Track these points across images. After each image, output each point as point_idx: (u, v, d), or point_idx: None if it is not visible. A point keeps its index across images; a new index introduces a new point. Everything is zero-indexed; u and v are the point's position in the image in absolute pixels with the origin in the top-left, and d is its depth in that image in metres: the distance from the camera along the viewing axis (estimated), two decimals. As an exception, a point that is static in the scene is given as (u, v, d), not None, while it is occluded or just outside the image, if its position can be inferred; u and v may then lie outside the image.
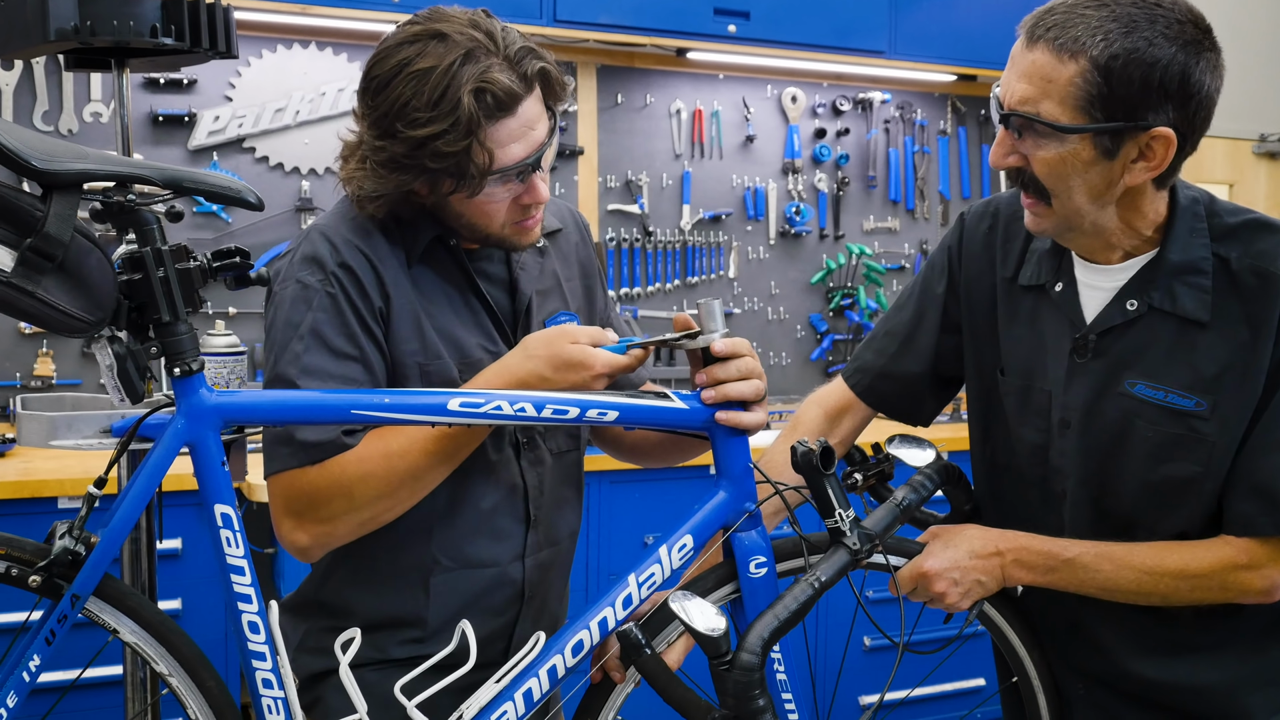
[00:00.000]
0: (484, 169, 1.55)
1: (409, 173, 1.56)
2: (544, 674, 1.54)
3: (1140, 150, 1.49)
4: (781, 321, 4.41)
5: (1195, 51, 1.46)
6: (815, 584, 1.55)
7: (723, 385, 1.57)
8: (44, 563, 1.41)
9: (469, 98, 1.51)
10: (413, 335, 1.64)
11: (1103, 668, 1.73)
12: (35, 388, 3.38)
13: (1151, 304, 1.59)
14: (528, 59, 1.56)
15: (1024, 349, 1.72)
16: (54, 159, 1.34)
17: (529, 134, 1.58)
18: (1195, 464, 1.58)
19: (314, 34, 3.69)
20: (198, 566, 2.91)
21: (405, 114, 1.52)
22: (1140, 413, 1.60)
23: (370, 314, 1.61)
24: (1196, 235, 1.58)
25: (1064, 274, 1.67)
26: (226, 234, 3.60)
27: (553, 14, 3.64)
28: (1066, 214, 1.55)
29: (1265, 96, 5.36)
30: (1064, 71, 1.46)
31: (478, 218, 1.63)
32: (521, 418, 1.52)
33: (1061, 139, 1.49)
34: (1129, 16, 1.45)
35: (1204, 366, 1.57)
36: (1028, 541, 1.65)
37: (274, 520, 1.61)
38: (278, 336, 1.60)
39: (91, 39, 1.93)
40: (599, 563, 3.36)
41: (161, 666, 1.50)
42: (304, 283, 1.59)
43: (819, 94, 4.42)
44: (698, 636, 1.47)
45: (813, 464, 1.58)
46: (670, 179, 4.23)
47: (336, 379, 1.57)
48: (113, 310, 1.42)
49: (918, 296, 1.86)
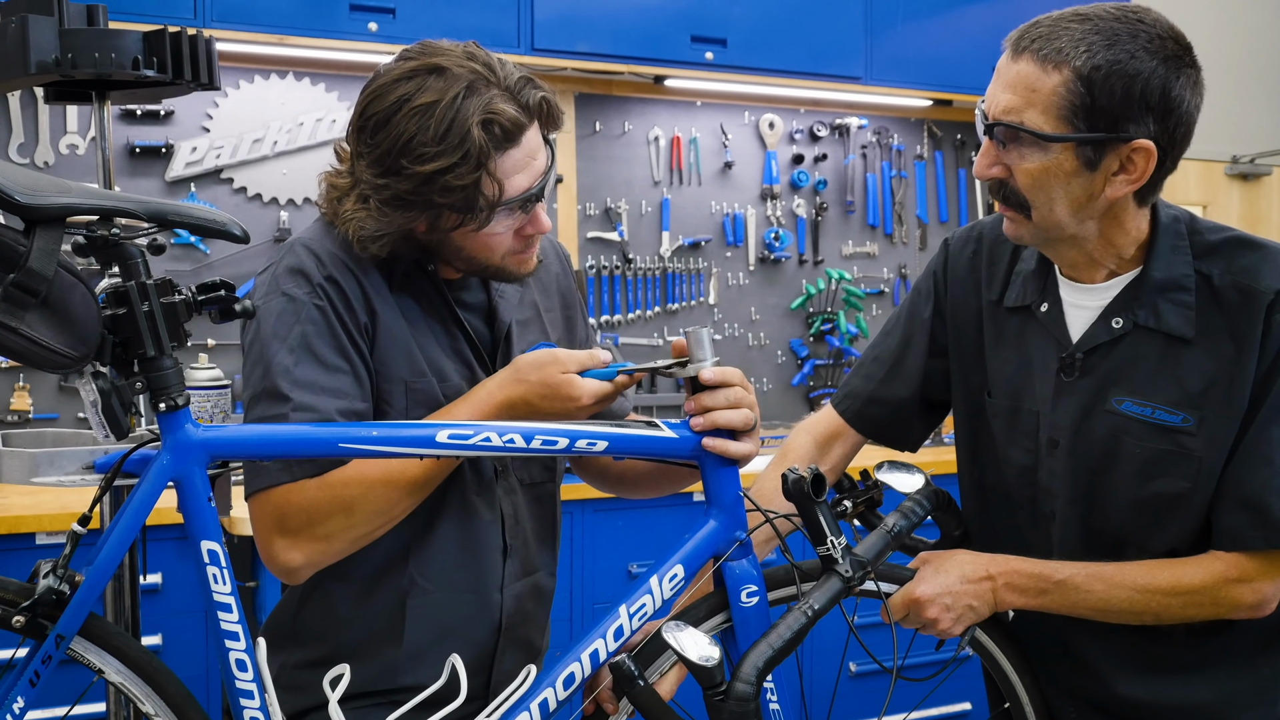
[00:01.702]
0: (493, 201, 1.54)
1: (415, 209, 1.54)
2: (535, 707, 1.53)
3: (1121, 162, 1.52)
4: (762, 347, 4.42)
5: (1176, 67, 1.50)
6: (809, 612, 1.54)
7: (711, 413, 1.57)
8: (28, 602, 1.39)
9: (478, 129, 1.50)
10: (399, 352, 1.62)
11: (1094, 689, 1.73)
12: (12, 422, 3.34)
13: (1137, 321, 1.61)
14: (527, 89, 1.56)
15: (1011, 370, 1.73)
16: (37, 193, 1.32)
17: (532, 164, 1.58)
18: (1183, 479, 1.59)
19: (291, 64, 3.68)
20: (179, 601, 2.88)
21: (411, 150, 1.50)
22: (1128, 430, 1.61)
23: (357, 329, 1.59)
24: (1179, 253, 1.60)
25: (1049, 294, 1.69)
26: (205, 265, 3.58)
27: (530, 43, 3.65)
28: (1046, 225, 1.58)
29: (1238, 118, 5.42)
30: (1048, 81, 1.49)
31: (479, 251, 1.61)
32: (511, 449, 1.51)
33: (1045, 149, 1.51)
34: (1112, 30, 1.49)
35: (1190, 382, 1.58)
36: (1019, 565, 1.65)
37: (262, 540, 1.57)
38: (263, 351, 1.56)
39: (73, 71, 1.92)
40: (583, 592, 3.34)
41: (147, 706, 1.48)
42: (291, 295, 1.57)
43: (796, 120, 4.44)
44: (692, 667, 1.47)
45: (804, 491, 1.57)
46: (649, 206, 4.24)
47: (328, 392, 1.55)
48: (97, 345, 1.40)
49: (904, 322, 1.87)
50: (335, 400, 1.55)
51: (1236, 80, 5.41)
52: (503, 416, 1.56)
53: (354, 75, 3.76)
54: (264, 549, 1.58)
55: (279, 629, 1.73)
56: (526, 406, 1.56)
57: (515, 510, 1.74)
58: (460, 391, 1.64)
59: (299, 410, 1.53)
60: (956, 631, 1.66)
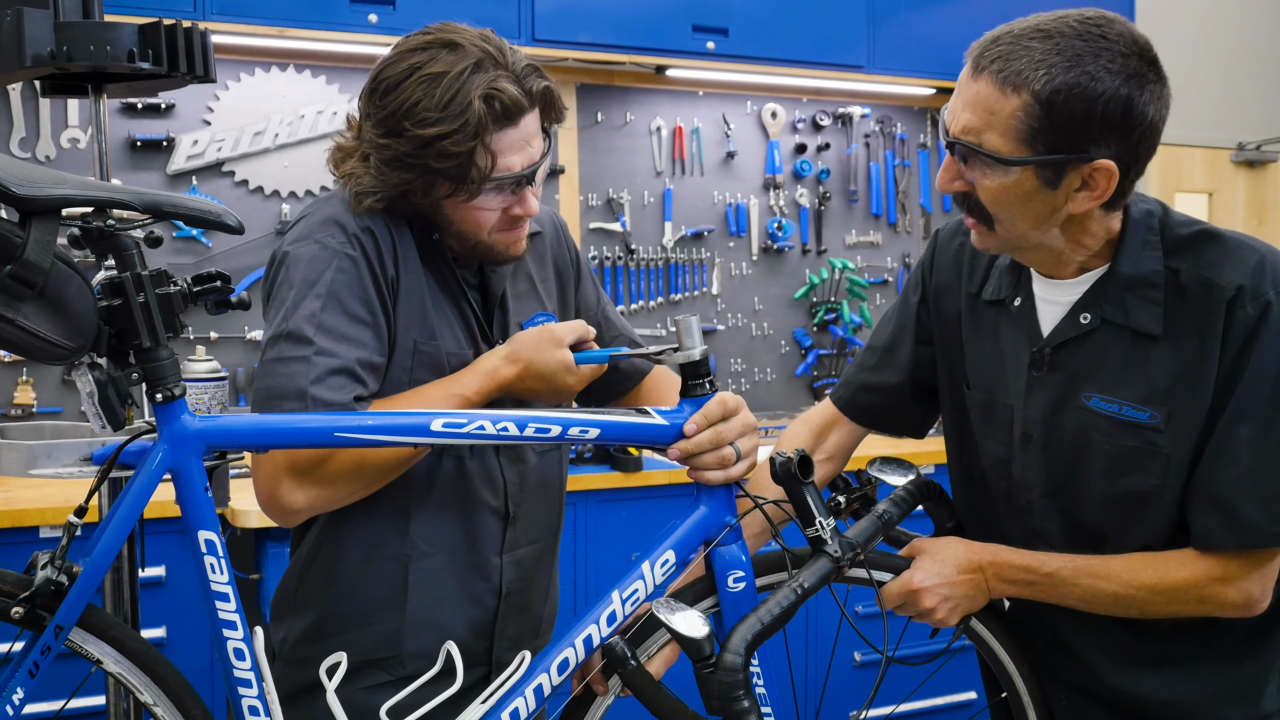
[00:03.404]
0: (484, 173, 1.60)
1: (411, 171, 1.60)
2: (530, 693, 1.55)
3: (1083, 179, 1.50)
4: (765, 337, 4.42)
5: (1139, 84, 1.47)
6: (798, 590, 1.57)
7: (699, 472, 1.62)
8: (26, 594, 1.40)
9: (479, 102, 1.56)
10: (415, 311, 1.67)
11: (1083, 679, 1.73)
12: (16, 416, 3.36)
13: (1105, 317, 1.60)
14: (532, 76, 1.64)
15: (987, 363, 1.74)
16: (33, 185, 1.33)
17: (527, 148, 1.63)
18: (1152, 476, 1.58)
19: (292, 56, 3.69)
20: (182, 594, 2.89)
21: (414, 114, 1.57)
22: (1096, 426, 1.61)
23: (385, 282, 1.64)
24: (1149, 248, 1.59)
25: (1022, 289, 1.69)
26: (206, 258, 3.59)
27: (531, 33, 3.65)
28: (1010, 237, 1.57)
29: (1243, 105, 5.40)
30: (1006, 105, 1.47)
31: (468, 225, 1.66)
32: (505, 437, 1.53)
33: (1005, 170, 1.50)
34: (1073, 49, 1.46)
35: (1157, 379, 1.57)
36: (1009, 556, 1.67)
37: (267, 479, 1.56)
38: (291, 293, 1.59)
39: (68, 64, 1.92)
40: (586, 582, 3.35)
41: (146, 696, 1.49)
42: (323, 243, 1.61)
43: (799, 109, 4.43)
44: (682, 640, 1.49)
45: (791, 472, 1.60)
46: (651, 196, 4.23)
47: (350, 341, 1.58)
48: (93, 337, 1.41)
49: (897, 311, 1.89)
50: (355, 350, 1.59)
51: (1242, 67, 5.39)
52: (502, 393, 1.64)
53: (354, 67, 3.76)
54: (268, 488, 1.57)
55: (282, 601, 1.75)
56: (522, 385, 1.64)
57: (521, 478, 1.77)
58: (461, 359, 1.69)
59: (321, 355, 1.56)
60: (953, 621, 1.68)
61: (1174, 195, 5.35)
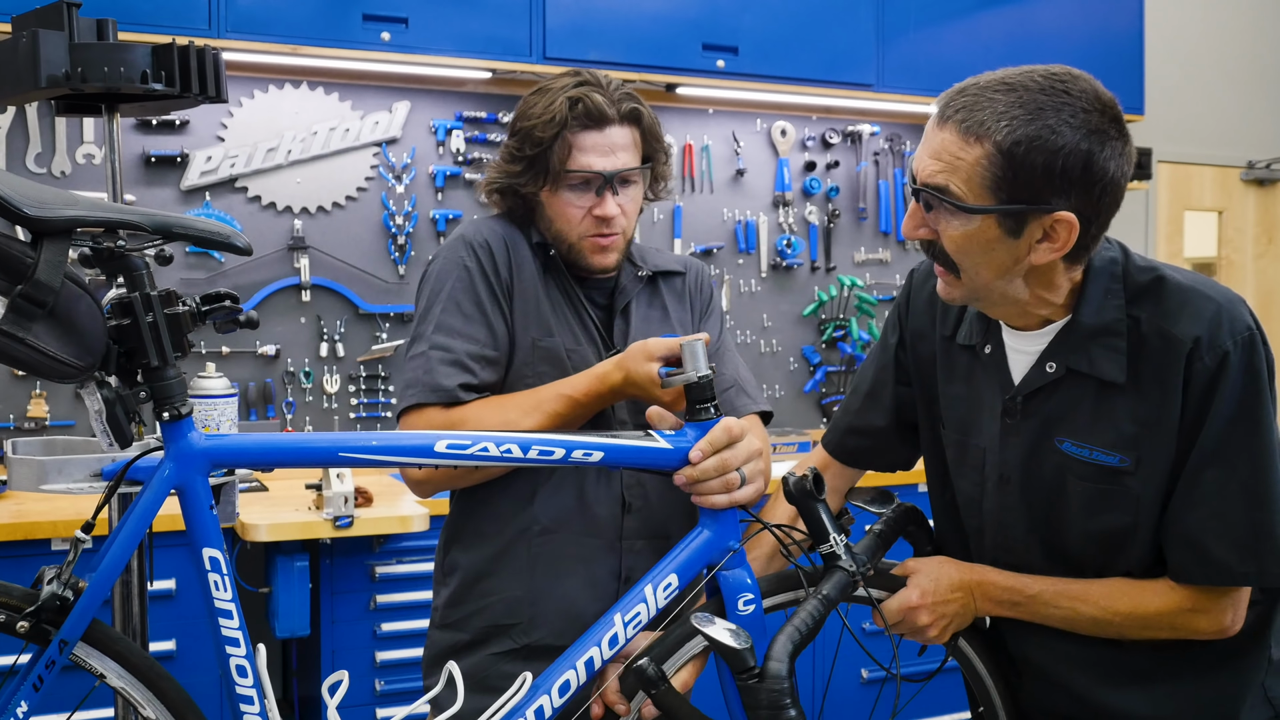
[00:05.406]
0: (562, 162, 1.85)
1: (516, 163, 1.91)
2: (531, 714, 1.55)
3: (1045, 231, 1.51)
4: (774, 354, 4.43)
5: (1100, 140, 1.48)
6: (825, 600, 1.61)
7: (697, 485, 1.64)
8: (32, 608, 1.41)
9: (564, 102, 1.86)
10: (531, 312, 1.89)
11: (1060, 699, 1.74)
12: (29, 429, 3.39)
13: (1070, 366, 1.62)
14: (625, 100, 1.91)
15: (961, 406, 1.76)
16: (45, 206, 1.35)
17: (610, 155, 1.88)
18: (1127, 515, 1.60)
19: (305, 74, 3.72)
20: (192, 607, 2.91)
21: (524, 115, 1.91)
22: (1070, 468, 1.63)
23: (499, 286, 1.88)
24: (1111, 296, 1.60)
25: (992, 336, 1.70)
26: (219, 274, 3.62)
27: (543, 51, 3.68)
28: (975, 286, 1.58)
29: (1253, 124, 5.40)
30: (970, 154, 1.49)
31: (559, 220, 1.90)
32: (507, 459, 1.56)
33: (968, 218, 1.51)
34: (1036, 103, 1.47)
35: (1124, 426, 1.59)
36: (995, 577, 1.70)
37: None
38: (426, 302, 1.89)
39: (82, 85, 1.94)
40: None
41: (149, 711, 1.50)
42: (448, 257, 1.90)
43: (808, 127, 4.45)
44: (727, 652, 1.52)
45: (806, 489, 1.64)
46: (661, 213, 4.25)
47: (463, 336, 1.84)
48: (102, 355, 1.42)
49: (878, 352, 1.91)
50: (467, 344, 1.84)
51: (1252, 86, 5.39)
52: (615, 397, 1.79)
53: (367, 84, 3.79)
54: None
55: (439, 569, 1.98)
56: (627, 392, 1.78)
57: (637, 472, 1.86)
58: (581, 355, 1.89)
59: (435, 349, 1.84)
60: (944, 639, 1.71)
61: (1184, 213, 5.35)
